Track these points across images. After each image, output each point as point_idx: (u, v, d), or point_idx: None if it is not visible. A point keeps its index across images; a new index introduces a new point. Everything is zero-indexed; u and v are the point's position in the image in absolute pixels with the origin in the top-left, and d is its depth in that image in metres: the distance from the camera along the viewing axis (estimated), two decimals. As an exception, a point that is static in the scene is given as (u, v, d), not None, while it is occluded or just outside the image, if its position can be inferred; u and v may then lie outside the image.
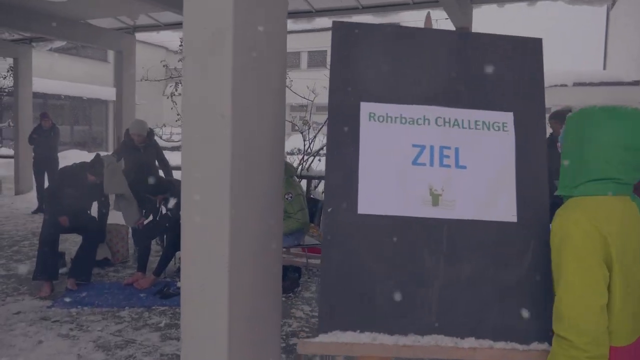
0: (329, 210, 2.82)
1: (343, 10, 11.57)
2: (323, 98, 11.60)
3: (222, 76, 3.06)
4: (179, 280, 6.86)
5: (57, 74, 30.11)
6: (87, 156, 14.47)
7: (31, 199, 14.10)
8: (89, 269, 7.34)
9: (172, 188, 7.49)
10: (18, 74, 16.51)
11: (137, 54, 14.60)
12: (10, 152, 16.85)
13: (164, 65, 13.11)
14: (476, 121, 2.97)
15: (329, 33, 3.05)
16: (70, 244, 8.77)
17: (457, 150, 2.92)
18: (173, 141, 14.88)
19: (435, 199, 2.86)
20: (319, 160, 11.41)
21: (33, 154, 13.45)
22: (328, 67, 3.08)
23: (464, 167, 2.90)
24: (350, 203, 2.82)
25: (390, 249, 2.79)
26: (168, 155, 9.45)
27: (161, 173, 8.76)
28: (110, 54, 34.51)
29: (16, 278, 7.66)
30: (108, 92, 32.59)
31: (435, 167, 2.89)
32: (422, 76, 3.03)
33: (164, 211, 7.84)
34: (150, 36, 18.44)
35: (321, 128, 11.39)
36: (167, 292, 6.89)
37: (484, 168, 2.90)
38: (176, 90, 13.15)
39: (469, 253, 2.79)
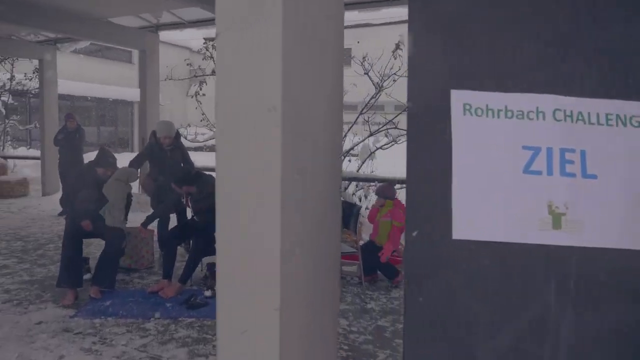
0: (414, 234, 2.21)
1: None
2: (349, 97, 11.33)
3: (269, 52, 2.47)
4: (207, 289, 6.60)
5: (83, 76, 30.12)
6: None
7: (58, 201, 13.82)
8: (112, 276, 6.98)
9: (199, 180, 7.14)
10: (43, 75, 16.35)
11: (161, 54, 14.34)
12: (39, 153, 16.60)
13: (188, 64, 12.69)
14: (608, 114, 2.23)
15: (351, 31, 2.50)
16: (95, 247, 8.42)
17: (583, 153, 2.22)
18: (197, 141, 14.46)
19: (557, 220, 2.18)
20: (349, 160, 11.03)
21: (58, 155, 13.21)
22: (352, 64, 2.52)
23: (593, 177, 2.21)
24: (441, 225, 2.19)
25: (496, 286, 2.15)
26: (192, 155, 9.06)
27: None
28: (135, 56, 34.44)
29: (39, 284, 7.35)
30: (133, 93, 32.37)
31: (555, 176, 2.21)
32: (533, 52, 2.31)
33: (189, 211, 7.47)
34: (174, 35, 18.09)
35: (351, 127, 10.99)
36: (194, 302, 6.52)
37: (621, 178, 2.20)
38: (200, 89, 12.78)
39: (607, 295, 2.10)
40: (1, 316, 6.16)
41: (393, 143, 10.98)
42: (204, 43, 12.29)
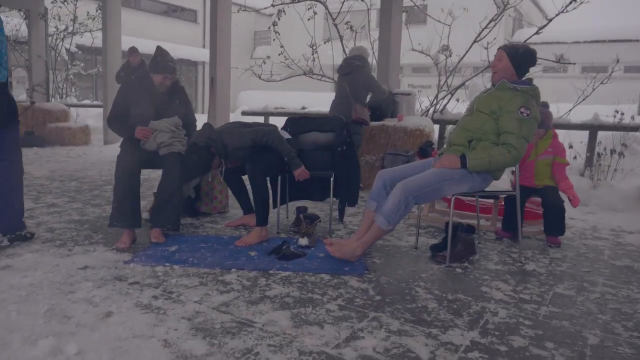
0: None
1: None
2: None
3: None
4: (301, 237, 4.74)
5: (147, 34, 29.17)
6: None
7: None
8: (174, 214, 5.30)
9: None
10: (106, 14, 14.87)
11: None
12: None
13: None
14: None
15: None
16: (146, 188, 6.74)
17: None
18: (274, 80, 12.83)
19: None
20: (457, 100, 9.27)
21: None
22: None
23: None
24: None
25: None
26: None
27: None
28: (200, 15, 33.58)
29: (91, 225, 5.80)
30: (198, 53, 31.43)
31: None
32: None
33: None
34: None
35: (462, 58, 9.24)
36: (286, 252, 4.80)
37: None
38: (279, 18, 11.05)
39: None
40: (37, 257, 4.54)
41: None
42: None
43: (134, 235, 5.13)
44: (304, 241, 5.09)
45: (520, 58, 4.76)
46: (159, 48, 5.46)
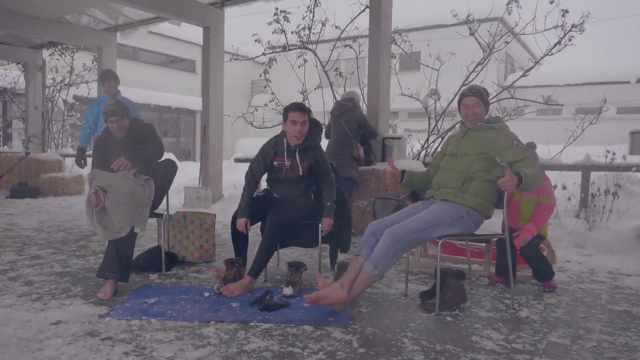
0: None
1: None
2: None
3: None
4: (286, 286, 4.27)
5: (147, 84, 29.31)
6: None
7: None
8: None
9: None
10: (102, 65, 14.89)
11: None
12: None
13: (255, 40, 10.87)
14: None
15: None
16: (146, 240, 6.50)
17: None
18: (265, 127, 12.73)
19: None
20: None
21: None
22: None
23: None
24: None
25: None
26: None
27: None
28: (198, 66, 33.75)
29: (71, 276, 5.55)
30: (196, 102, 31.55)
31: None
32: None
33: None
34: (241, 10, 16.55)
35: (451, 101, 9.13)
36: (269, 302, 4.56)
37: None
38: (270, 67, 11.01)
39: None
40: (9, 313, 4.29)
41: (507, 118, 9.30)
42: (274, 14, 10.56)
43: (116, 288, 4.91)
44: (288, 290, 4.85)
45: (487, 98, 4.96)
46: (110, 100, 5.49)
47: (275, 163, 5.48)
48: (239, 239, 5.48)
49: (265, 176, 5.67)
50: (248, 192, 5.50)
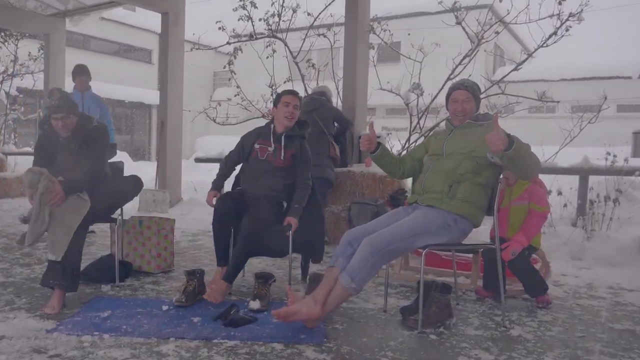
0: None
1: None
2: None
3: None
4: (253, 299, 4.99)
5: (97, 75, 29.06)
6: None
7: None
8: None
9: None
10: (49, 54, 14.90)
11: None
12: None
13: (220, 27, 10.86)
14: None
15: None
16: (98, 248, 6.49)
17: None
18: (230, 124, 12.80)
19: None
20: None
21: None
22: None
23: None
24: None
25: None
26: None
27: None
28: (155, 55, 33.66)
29: (15, 287, 5.54)
30: (152, 95, 31.43)
31: None
32: None
33: None
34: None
35: (435, 97, 9.20)
36: (234, 317, 4.60)
37: None
38: (235, 57, 10.99)
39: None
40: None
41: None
42: (240, 0, 10.57)
43: (64, 300, 4.92)
44: (255, 304, 4.88)
45: (479, 93, 4.96)
46: (51, 90, 5.45)
47: (256, 146, 5.69)
48: (222, 236, 5.62)
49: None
50: (221, 174, 5.93)
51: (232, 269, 5.25)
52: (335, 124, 8.59)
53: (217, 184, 5.87)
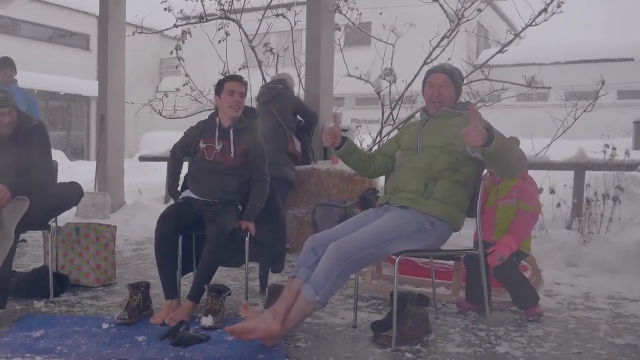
0: None
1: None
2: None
3: None
4: (205, 315, 5.02)
5: (29, 65, 28.94)
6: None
7: None
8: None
9: None
10: None
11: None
12: None
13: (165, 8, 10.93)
14: None
15: None
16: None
17: None
18: (178, 117, 12.84)
19: None
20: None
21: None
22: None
23: None
24: None
25: None
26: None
27: None
28: (93, 42, 33.54)
29: None
30: (91, 86, 31.26)
31: None
32: None
33: None
34: None
35: (410, 84, 9.27)
36: (184, 336, 4.64)
37: None
38: (182, 42, 11.02)
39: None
40: None
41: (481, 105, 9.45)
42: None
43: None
44: (207, 321, 4.91)
45: (460, 79, 4.96)
46: None
47: (202, 145, 5.64)
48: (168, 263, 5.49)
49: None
50: (174, 169, 6.00)
51: (199, 285, 5.24)
52: (300, 119, 8.58)
53: (173, 189, 5.85)
